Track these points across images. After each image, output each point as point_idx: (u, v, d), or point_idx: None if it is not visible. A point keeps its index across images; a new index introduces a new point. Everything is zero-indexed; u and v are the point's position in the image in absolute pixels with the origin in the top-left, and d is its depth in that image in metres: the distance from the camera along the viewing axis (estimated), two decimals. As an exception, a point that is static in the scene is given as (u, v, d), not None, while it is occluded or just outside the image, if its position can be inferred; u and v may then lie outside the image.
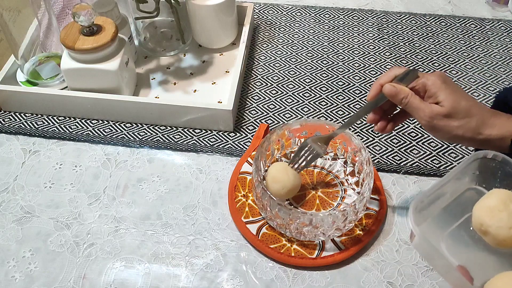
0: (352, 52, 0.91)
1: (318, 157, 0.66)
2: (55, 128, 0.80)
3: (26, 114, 0.82)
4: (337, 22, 0.96)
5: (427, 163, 0.74)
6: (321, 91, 0.84)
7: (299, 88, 0.85)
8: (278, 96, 0.84)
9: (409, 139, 0.77)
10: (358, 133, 0.78)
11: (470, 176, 0.57)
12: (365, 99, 0.83)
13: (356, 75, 0.87)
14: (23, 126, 0.80)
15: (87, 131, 0.79)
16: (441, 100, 0.57)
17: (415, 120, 0.79)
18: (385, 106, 0.62)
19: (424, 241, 0.50)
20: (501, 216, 0.50)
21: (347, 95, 0.84)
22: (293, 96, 0.84)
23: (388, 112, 0.63)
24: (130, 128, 0.80)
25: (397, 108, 0.62)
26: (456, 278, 0.49)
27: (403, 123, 0.79)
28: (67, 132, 0.79)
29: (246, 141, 0.78)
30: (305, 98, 0.83)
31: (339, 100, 0.83)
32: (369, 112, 0.62)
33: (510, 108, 0.60)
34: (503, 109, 0.60)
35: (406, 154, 0.75)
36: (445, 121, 0.57)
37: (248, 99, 0.83)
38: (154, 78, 0.87)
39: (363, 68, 0.88)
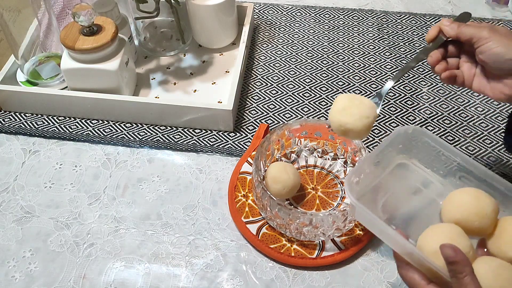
0: (352, 52, 0.91)
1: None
2: (55, 128, 0.80)
3: (26, 114, 0.82)
4: (337, 22, 0.96)
5: (427, 163, 0.74)
6: (321, 91, 0.84)
7: (299, 88, 0.85)
8: (278, 96, 0.84)
9: (409, 139, 0.77)
10: (358, 133, 0.78)
11: (396, 150, 0.63)
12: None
13: (356, 75, 0.87)
14: (23, 126, 0.80)
15: (87, 131, 0.79)
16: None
17: (415, 120, 0.79)
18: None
19: (364, 211, 0.55)
20: (352, 111, 0.59)
21: (347, 95, 0.83)
22: (293, 96, 0.84)
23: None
24: (130, 128, 0.80)
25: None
26: (394, 238, 0.53)
27: (403, 123, 0.79)
28: (67, 132, 0.79)
29: (246, 141, 0.78)
30: (305, 98, 0.83)
31: (339, 100, 0.83)
32: (427, 54, 0.61)
33: None
34: None
35: (406, 154, 0.75)
36: None
37: (248, 99, 0.83)
38: (154, 78, 0.87)
39: (363, 68, 0.88)
